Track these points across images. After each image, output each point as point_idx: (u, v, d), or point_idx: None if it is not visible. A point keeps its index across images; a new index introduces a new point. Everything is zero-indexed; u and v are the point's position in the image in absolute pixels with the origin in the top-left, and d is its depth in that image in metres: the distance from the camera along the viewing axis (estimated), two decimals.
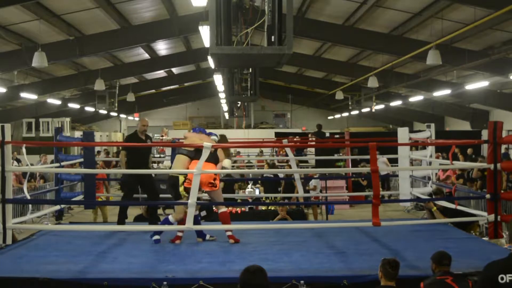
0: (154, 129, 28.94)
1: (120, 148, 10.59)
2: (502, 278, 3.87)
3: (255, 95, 13.96)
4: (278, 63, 6.70)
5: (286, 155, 11.17)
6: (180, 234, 7.19)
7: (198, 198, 6.96)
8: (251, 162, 19.04)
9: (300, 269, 5.71)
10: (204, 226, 7.33)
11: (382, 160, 14.56)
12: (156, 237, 7.15)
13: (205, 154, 6.43)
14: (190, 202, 6.20)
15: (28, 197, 7.41)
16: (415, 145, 11.09)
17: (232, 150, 22.74)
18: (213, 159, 7.16)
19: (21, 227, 8.19)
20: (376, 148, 6.34)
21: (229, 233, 7.12)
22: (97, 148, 20.27)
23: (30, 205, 7.84)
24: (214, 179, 7.08)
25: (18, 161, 16.15)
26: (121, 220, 8.09)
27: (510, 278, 3.85)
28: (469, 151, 17.91)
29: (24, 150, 6.83)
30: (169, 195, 7.52)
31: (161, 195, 8.68)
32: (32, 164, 8.06)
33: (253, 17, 6.71)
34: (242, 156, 20.88)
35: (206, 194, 7.67)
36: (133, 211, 10.33)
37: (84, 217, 14.18)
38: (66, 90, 25.06)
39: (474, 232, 8.40)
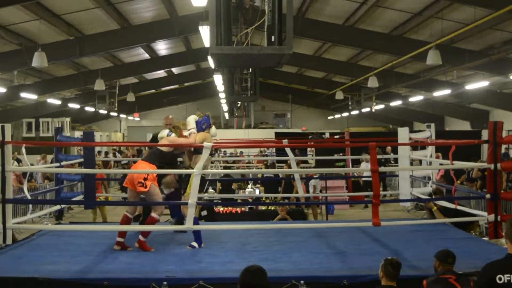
0: (154, 129, 28.90)
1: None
2: (500, 279, 3.85)
3: (255, 95, 13.95)
4: (278, 63, 6.69)
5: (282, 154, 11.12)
6: (142, 238, 6.72)
7: (200, 199, 6.90)
8: (251, 163, 19.04)
9: (300, 269, 5.70)
10: (204, 226, 7.32)
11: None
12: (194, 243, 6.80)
13: (205, 154, 6.41)
14: (190, 202, 6.20)
15: (29, 197, 7.41)
16: (415, 145, 11.08)
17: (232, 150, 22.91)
18: (151, 157, 6.82)
19: (21, 227, 8.17)
20: (376, 148, 6.33)
21: (142, 238, 6.69)
22: (97, 149, 20.26)
23: (30, 205, 7.83)
24: (145, 179, 6.54)
25: (19, 161, 16.15)
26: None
27: (508, 278, 3.84)
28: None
29: (24, 150, 6.83)
30: None
31: None
32: (32, 164, 8.04)
33: (253, 17, 6.69)
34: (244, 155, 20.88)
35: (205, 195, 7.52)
36: None
37: (84, 217, 14.18)
38: (66, 90, 25.07)
39: (474, 232, 8.40)
